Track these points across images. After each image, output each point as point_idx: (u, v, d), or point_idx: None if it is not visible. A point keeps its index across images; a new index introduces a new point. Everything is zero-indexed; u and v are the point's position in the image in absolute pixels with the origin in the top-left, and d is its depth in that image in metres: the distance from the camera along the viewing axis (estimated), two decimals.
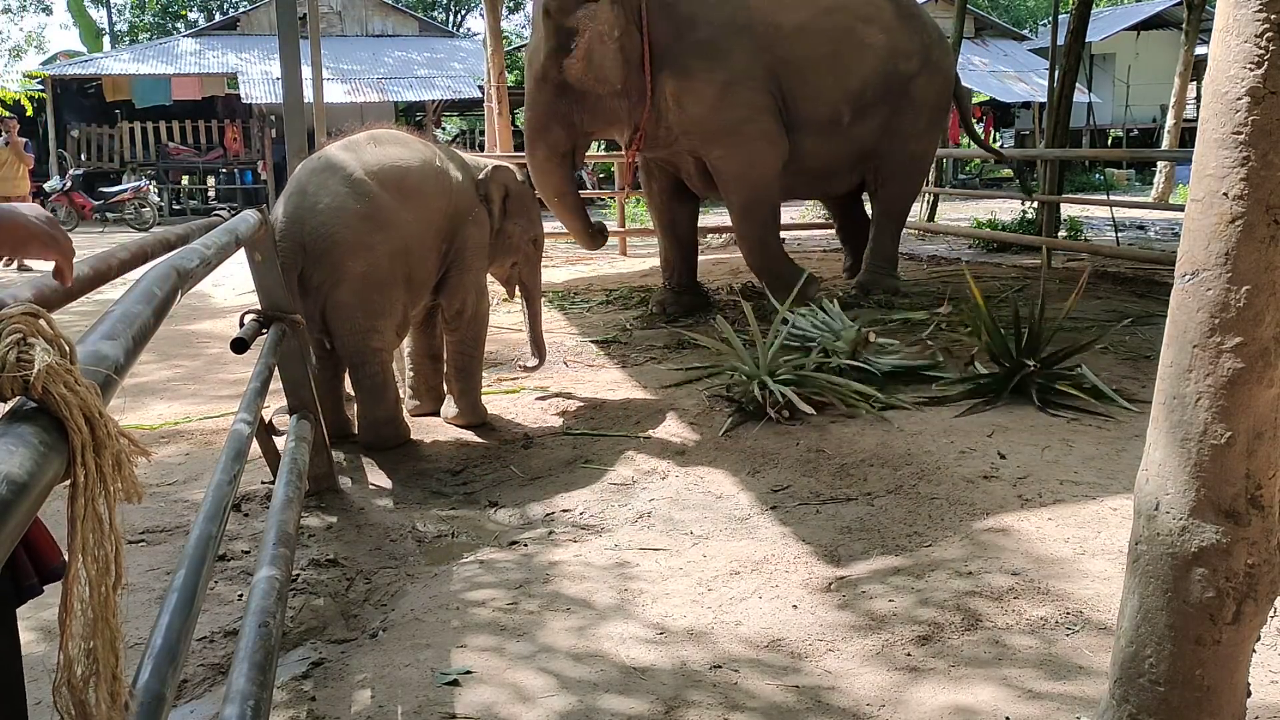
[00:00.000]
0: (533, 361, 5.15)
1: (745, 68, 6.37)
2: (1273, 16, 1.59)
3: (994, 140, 26.32)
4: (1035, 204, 10.62)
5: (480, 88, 17.23)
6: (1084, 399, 4.49)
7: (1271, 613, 1.79)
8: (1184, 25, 16.60)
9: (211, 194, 20.57)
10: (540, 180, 6.34)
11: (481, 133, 15.09)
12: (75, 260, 1.44)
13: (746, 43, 6.39)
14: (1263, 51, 1.60)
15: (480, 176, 4.66)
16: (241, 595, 2.89)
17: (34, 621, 2.81)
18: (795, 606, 2.82)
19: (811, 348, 4.94)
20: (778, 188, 6.78)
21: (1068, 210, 11.25)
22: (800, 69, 6.54)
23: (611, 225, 9.64)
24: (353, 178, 4.21)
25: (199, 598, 1.70)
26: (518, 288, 5.09)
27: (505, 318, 6.73)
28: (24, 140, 11.91)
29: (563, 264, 10.36)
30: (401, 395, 4.69)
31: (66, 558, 0.93)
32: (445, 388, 4.80)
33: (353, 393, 4.45)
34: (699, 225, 7.65)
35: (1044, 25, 30.11)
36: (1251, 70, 1.61)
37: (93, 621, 0.93)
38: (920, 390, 4.73)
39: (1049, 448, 3.98)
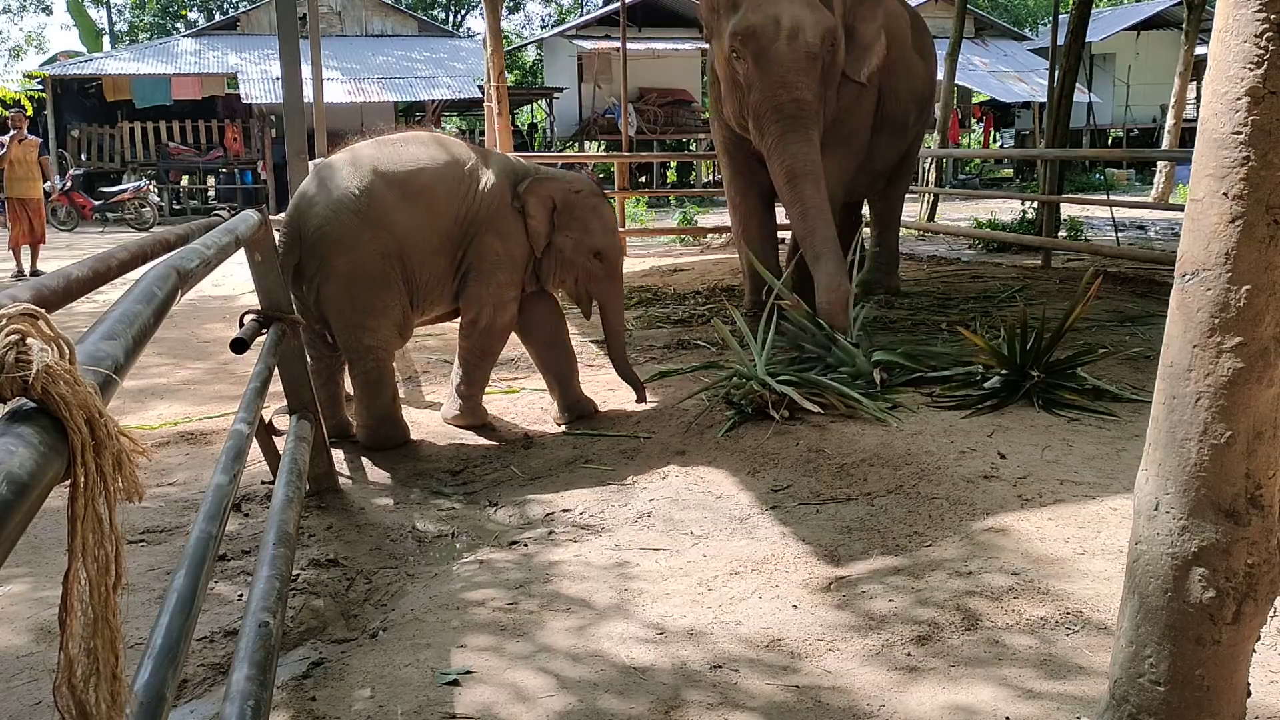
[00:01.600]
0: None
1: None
2: (1272, 16, 1.59)
3: (994, 140, 26.38)
4: (1035, 204, 10.63)
5: (480, 88, 17.23)
6: (1084, 400, 4.50)
7: (1271, 613, 1.79)
8: (1184, 25, 16.59)
9: (211, 194, 20.59)
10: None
11: (481, 133, 15.13)
12: (75, 261, 1.44)
13: None
14: (1262, 51, 1.60)
15: (520, 189, 4.46)
16: (241, 595, 2.89)
17: (34, 621, 2.81)
18: (795, 606, 2.82)
19: (806, 348, 4.95)
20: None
21: (1068, 210, 11.26)
22: (896, 69, 6.47)
23: None
24: (356, 174, 4.24)
25: (199, 598, 1.70)
26: (594, 306, 4.81)
27: None
28: (38, 140, 11.70)
29: None
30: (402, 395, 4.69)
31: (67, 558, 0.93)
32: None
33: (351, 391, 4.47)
34: (707, 227, 7.58)
35: (1044, 25, 30.14)
36: (1251, 70, 1.61)
37: (93, 621, 0.93)
38: (922, 393, 4.73)
39: (1049, 448, 3.98)
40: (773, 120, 5.54)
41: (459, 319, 4.58)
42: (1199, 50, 16.07)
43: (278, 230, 4.06)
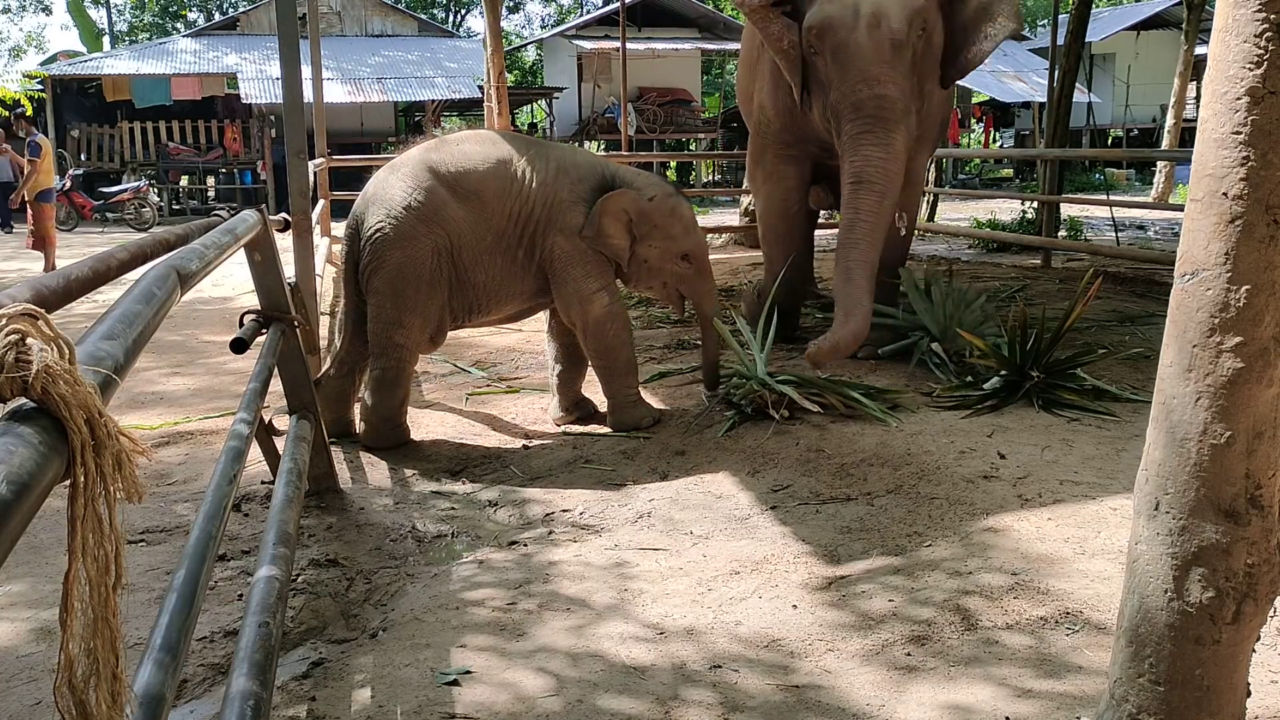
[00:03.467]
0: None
1: None
2: (1272, 16, 1.59)
3: (994, 140, 26.38)
4: (1035, 204, 10.63)
5: (480, 88, 17.23)
6: (1084, 400, 4.50)
7: (1271, 612, 1.79)
8: (1184, 25, 16.59)
9: (211, 194, 20.58)
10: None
11: None
12: (74, 260, 1.44)
13: None
14: (1262, 51, 1.60)
15: (597, 203, 4.32)
16: (241, 595, 2.89)
17: (34, 621, 2.81)
18: (795, 606, 2.82)
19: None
20: None
21: (1068, 210, 11.26)
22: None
23: None
24: (414, 172, 4.32)
25: (199, 598, 1.70)
26: (686, 305, 4.72)
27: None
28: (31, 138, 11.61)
29: None
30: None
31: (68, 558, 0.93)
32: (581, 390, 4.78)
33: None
34: (707, 227, 7.41)
35: (1043, 25, 30.12)
36: (1251, 70, 1.61)
37: (93, 621, 0.93)
38: (922, 393, 4.74)
39: (1049, 448, 3.98)
40: (850, 118, 4.90)
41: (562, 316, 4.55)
42: (1199, 50, 16.07)
43: (276, 230, 4.06)
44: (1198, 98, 2.34)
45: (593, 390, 4.94)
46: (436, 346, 4.60)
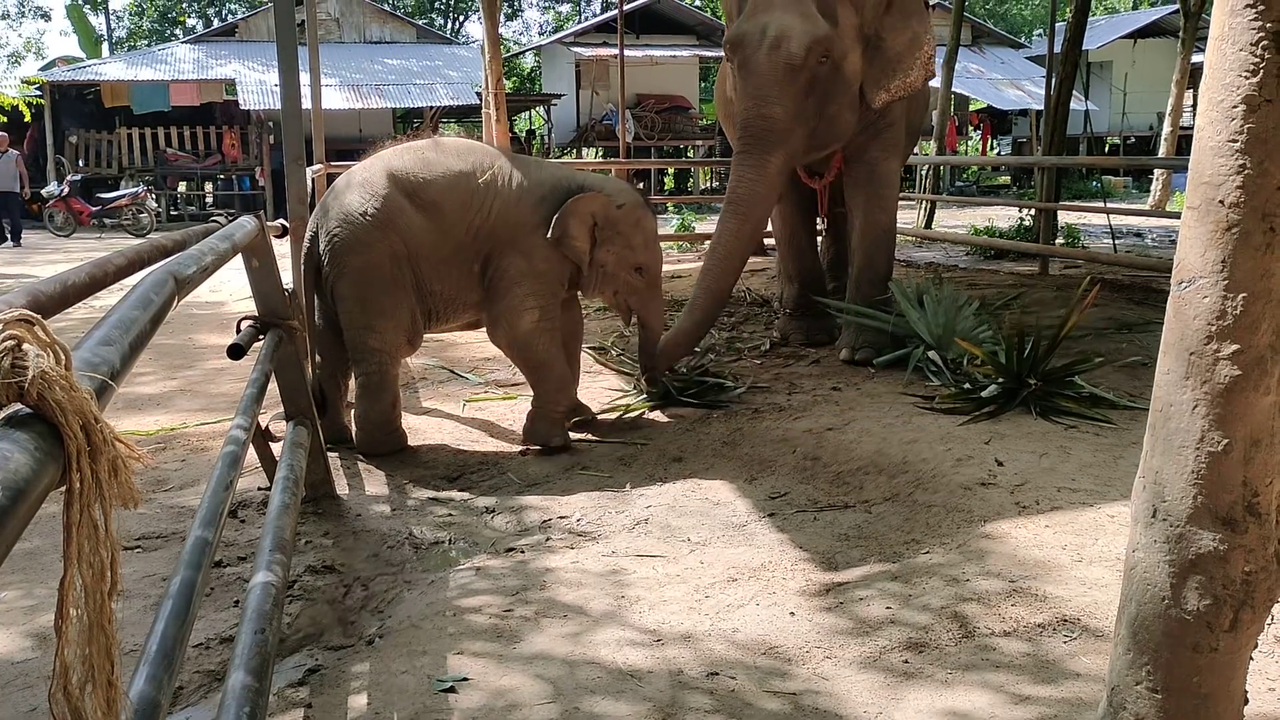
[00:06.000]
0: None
1: None
2: (1268, 25, 1.60)
3: (991, 148, 26.43)
4: (1032, 211, 10.65)
5: (478, 94, 17.24)
6: (1081, 407, 4.50)
7: (1269, 620, 1.79)
8: (1180, 33, 16.65)
9: (209, 200, 20.59)
10: None
11: (480, 139, 15.13)
12: (72, 266, 1.44)
13: None
14: (1258, 60, 1.60)
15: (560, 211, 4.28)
16: (238, 602, 2.89)
17: (30, 627, 2.81)
18: (792, 613, 2.82)
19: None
20: None
21: (1065, 217, 11.28)
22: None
23: None
24: (374, 179, 4.30)
25: (195, 604, 1.70)
26: (634, 318, 4.74)
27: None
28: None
29: None
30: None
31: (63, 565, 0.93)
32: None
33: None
34: (704, 234, 7.51)
35: (1039, 34, 30.19)
36: (1247, 78, 1.62)
37: (89, 628, 0.93)
38: (918, 396, 4.74)
39: (1046, 455, 3.98)
40: (738, 135, 5.27)
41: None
42: (1195, 58, 16.11)
43: (274, 236, 4.06)
44: (1194, 106, 2.34)
45: (588, 396, 4.94)
46: (415, 348, 4.59)
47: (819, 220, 6.42)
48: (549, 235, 4.27)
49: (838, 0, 5.25)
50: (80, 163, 18.83)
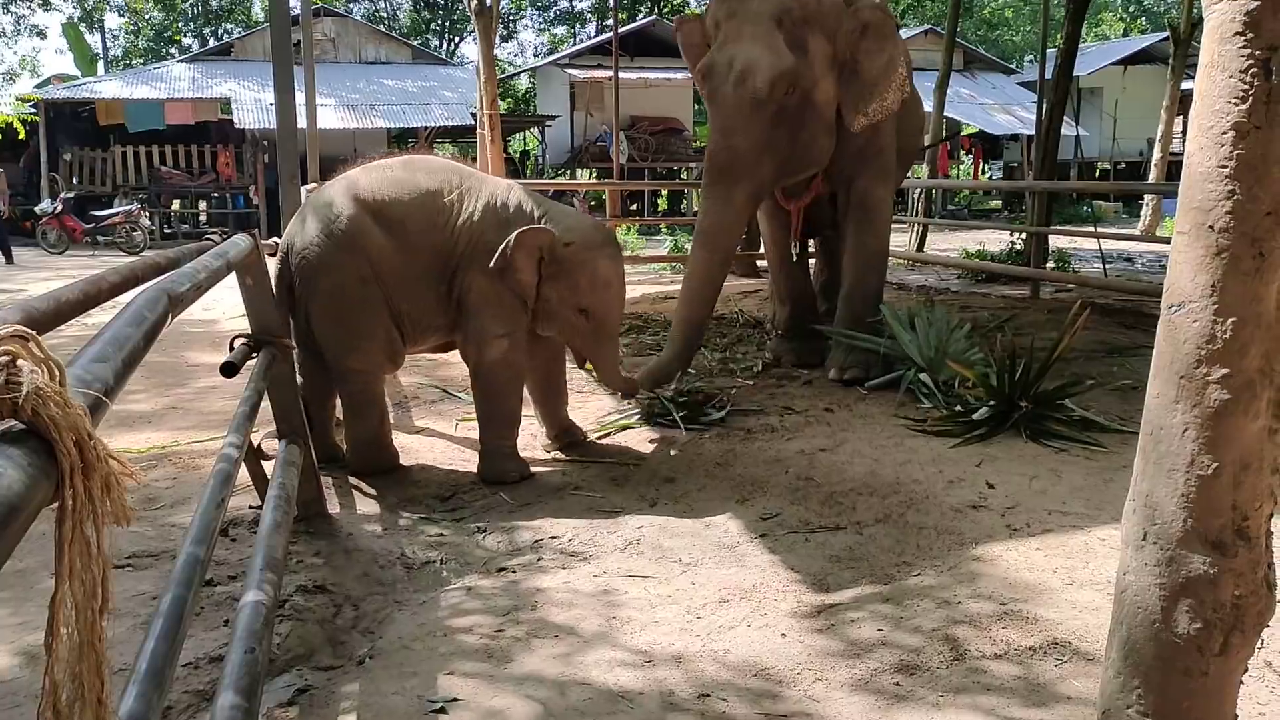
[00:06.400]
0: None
1: None
2: (1257, 52, 1.61)
3: (983, 172, 26.57)
4: (1023, 235, 10.70)
5: (473, 115, 17.30)
6: (1072, 431, 4.52)
7: (1259, 644, 1.79)
8: (1170, 60, 16.79)
9: (203, 218, 20.58)
10: None
11: (474, 159, 15.18)
12: (66, 284, 1.44)
13: None
14: (1247, 87, 1.62)
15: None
16: (228, 621, 2.87)
17: (19, 645, 2.79)
18: (783, 635, 2.82)
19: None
20: None
21: (1056, 242, 11.33)
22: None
23: None
24: (339, 200, 4.23)
25: (185, 623, 1.69)
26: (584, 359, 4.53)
27: None
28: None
29: None
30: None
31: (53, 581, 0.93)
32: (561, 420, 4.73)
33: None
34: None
35: (1031, 60, 30.40)
36: (1237, 105, 1.63)
37: (79, 646, 0.93)
38: (910, 418, 4.75)
39: (1037, 478, 3.99)
40: (705, 167, 5.34)
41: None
42: (1185, 85, 16.25)
43: (269, 255, 4.06)
44: (1184, 132, 2.36)
45: (579, 416, 4.93)
46: (398, 365, 4.56)
47: (793, 243, 6.43)
48: (490, 264, 4.12)
49: (808, 29, 5.27)
50: (75, 180, 18.83)
